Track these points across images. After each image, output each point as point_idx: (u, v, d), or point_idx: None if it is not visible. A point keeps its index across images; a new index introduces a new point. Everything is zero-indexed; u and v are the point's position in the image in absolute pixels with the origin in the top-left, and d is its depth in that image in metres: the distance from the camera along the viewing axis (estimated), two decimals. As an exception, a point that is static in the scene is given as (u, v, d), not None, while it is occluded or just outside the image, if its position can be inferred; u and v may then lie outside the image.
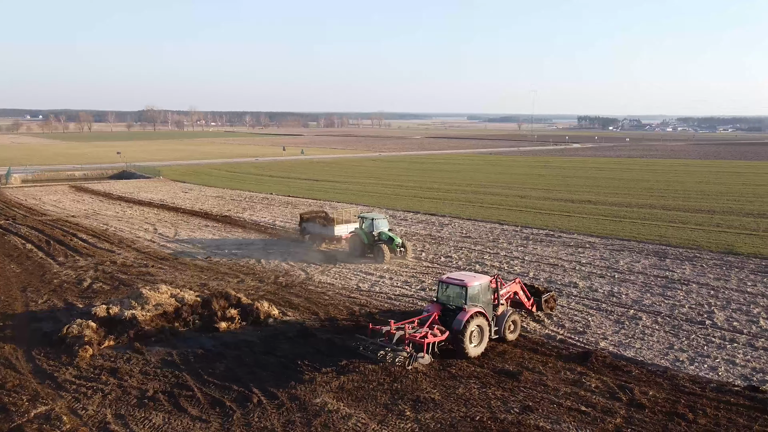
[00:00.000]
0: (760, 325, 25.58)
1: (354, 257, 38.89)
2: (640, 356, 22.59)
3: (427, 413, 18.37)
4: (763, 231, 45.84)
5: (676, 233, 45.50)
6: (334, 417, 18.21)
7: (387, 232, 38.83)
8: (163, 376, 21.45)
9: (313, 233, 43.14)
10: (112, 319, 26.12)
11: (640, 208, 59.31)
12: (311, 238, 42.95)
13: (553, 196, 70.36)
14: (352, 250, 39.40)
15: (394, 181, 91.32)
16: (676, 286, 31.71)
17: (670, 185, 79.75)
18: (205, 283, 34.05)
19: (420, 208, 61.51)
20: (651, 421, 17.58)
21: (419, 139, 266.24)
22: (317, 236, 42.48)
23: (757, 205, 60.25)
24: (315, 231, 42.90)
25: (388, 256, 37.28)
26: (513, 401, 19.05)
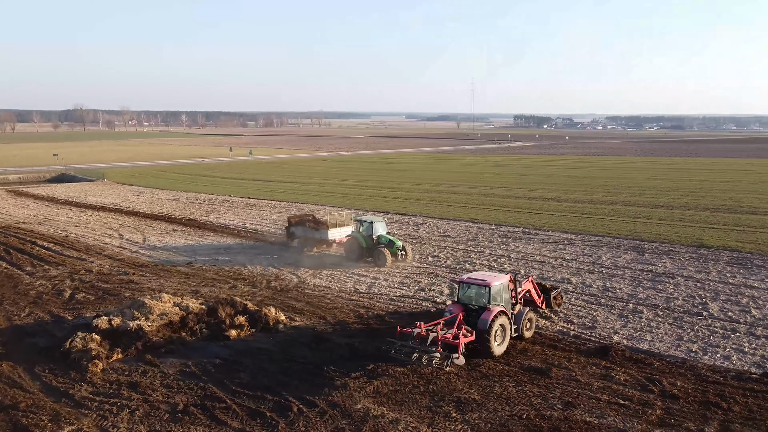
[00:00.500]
0: (753, 315, 27.07)
1: (351, 261, 38.16)
2: (655, 349, 23.49)
3: (472, 414, 18.52)
4: (723, 225, 48.45)
5: (645, 228, 47.48)
6: (382, 422, 18.08)
7: (386, 236, 38.53)
8: (188, 389, 20.70)
9: (303, 237, 42.11)
10: (115, 331, 24.98)
11: (603, 204, 61.51)
12: (301, 242, 42.07)
13: (515, 194, 71.97)
14: (349, 253, 38.75)
15: (351, 181, 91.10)
16: (663, 279, 33.11)
17: (623, 182, 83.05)
18: (196, 290, 33.03)
19: (389, 208, 61.64)
20: (689, 411, 18.33)
21: (363, 139, 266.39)
22: (308, 240, 41.58)
23: (709, 199, 63.59)
24: (306, 235, 41.88)
25: (390, 260, 36.83)
26: (552, 398, 19.45)
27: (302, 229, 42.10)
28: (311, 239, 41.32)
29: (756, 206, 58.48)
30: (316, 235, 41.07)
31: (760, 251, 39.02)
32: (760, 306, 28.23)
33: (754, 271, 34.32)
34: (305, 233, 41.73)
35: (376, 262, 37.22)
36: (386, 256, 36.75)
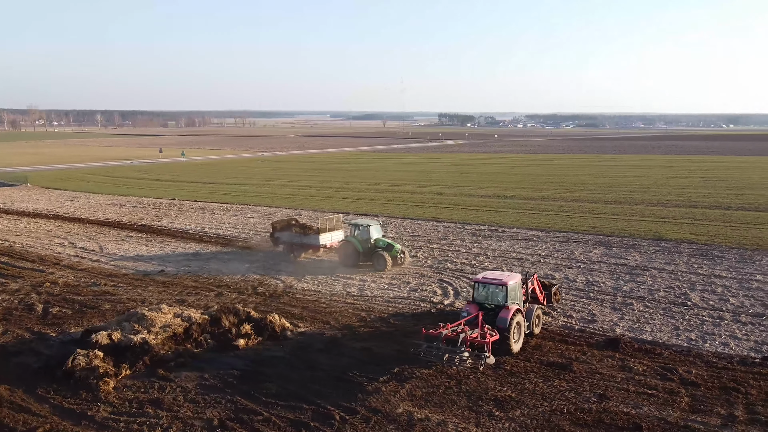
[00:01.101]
0: (732, 303, 29.03)
1: (346, 266, 37.27)
2: (658, 339, 24.77)
3: (515, 411, 18.93)
4: (672, 218, 51.52)
5: (604, 224, 49.76)
6: (429, 425, 18.18)
7: (384, 239, 38.20)
8: (215, 402, 20.00)
9: (289, 242, 40.72)
10: (116, 346, 23.72)
11: (556, 201, 63.88)
12: (287, 248, 40.79)
13: (466, 192, 73.43)
14: (344, 259, 37.76)
15: (296, 181, 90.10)
16: (638, 272, 34.87)
17: (566, 179, 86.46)
18: (181, 299, 31.83)
19: (347, 209, 61.48)
20: (713, 397, 19.50)
21: (294, 138, 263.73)
22: (296, 246, 40.37)
23: (650, 194, 67.34)
24: (293, 240, 40.48)
25: (390, 264, 36.36)
26: (584, 391, 20.16)
27: (289, 235, 40.73)
28: (299, 245, 40.22)
29: (695, 200, 62.48)
30: (305, 241, 39.88)
31: (714, 242, 41.81)
32: (735, 294, 30.28)
33: (717, 262, 36.74)
34: (292, 239, 40.48)
35: (376, 266, 36.60)
36: (387, 259, 36.23)
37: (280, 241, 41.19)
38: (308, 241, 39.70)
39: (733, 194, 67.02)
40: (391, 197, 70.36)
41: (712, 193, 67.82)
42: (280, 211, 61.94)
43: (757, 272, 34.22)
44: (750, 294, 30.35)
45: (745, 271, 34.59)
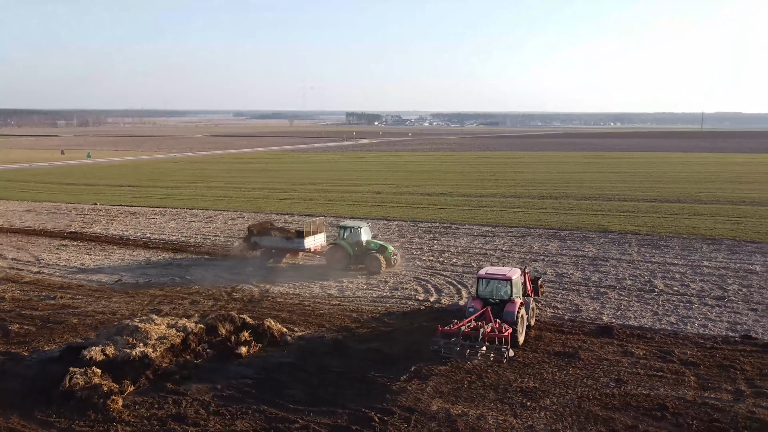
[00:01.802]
0: (693, 287, 31.47)
1: (336, 270, 36.24)
2: (643, 324, 26.44)
3: (545, 400, 19.62)
4: (609, 211, 54.86)
5: (550, 218, 52.15)
6: (470, 419, 18.47)
7: (376, 241, 37.62)
8: (242, 413, 19.26)
9: (269, 247, 39.08)
10: (112, 362, 22.26)
11: (494, 197, 66.12)
12: (265, 253, 39.19)
13: (404, 190, 74.34)
14: (334, 262, 36.59)
15: (223, 183, 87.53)
16: (599, 263, 36.93)
17: (495, 175, 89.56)
18: (156, 308, 30.29)
19: (292, 210, 60.68)
20: (714, 374, 21.13)
21: (202, 138, 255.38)
22: (277, 251, 38.86)
23: (585, 189, 71.22)
24: (273, 245, 38.88)
25: (384, 266, 35.74)
26: (600, 377, 21.18)
27: (268, 239, 39.06)
28: (280, 249, 38.83)
29: (623, 194, 66.77)
30: (288, 245, 38.52)
31: (655, 233, 44.99)
32: (692, 280, 32.84)
33: (664, 251, 39.61)
34: (273, 243, 38.90)
35: (370, 269, 35.83)
36: (381, 261, 35.60)
37: (259, 246, 39.59)
38: (292, 245, 38.41)
39: (655, 187, 72.22)
40: (331, 197, 70.02)
41: (637, 187, 72.75)
42: (220, 214, 60.06)
43: (703, 259, 37.22)
44: (705, 279, 33.01)
45: (693, 258, 37.54)
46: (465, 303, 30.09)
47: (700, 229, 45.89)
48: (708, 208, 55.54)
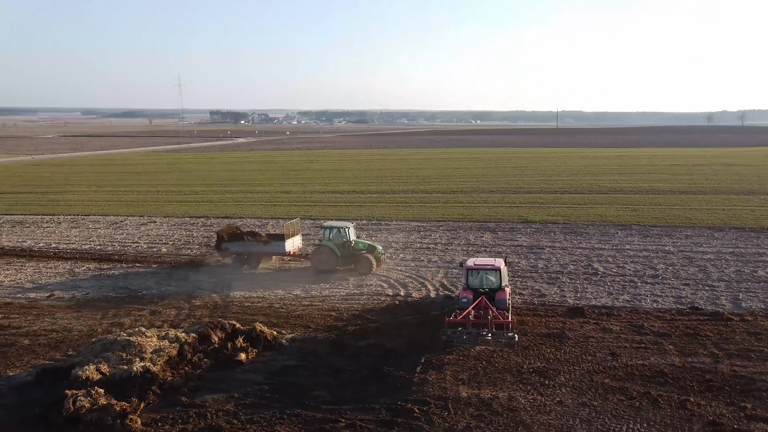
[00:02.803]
0: (629, 269, 34.93)
1: (323, 272, 35.26)
2: (605, 303, 29.07)
3: (559, 377, 21.14)
4: (521, 203, 58.68)
5: (468, 211, 54.74)
6: (503, 401, 19.47)
7: (364, 241, 36.96)
8: (277, 419, 18.77)
9: (242, 252, 37.12)
10: (110, 380, 20.74)
11: (407, 194, 67.84)
12: (238, 259, 37.20)
13: (314, 189, 74.01)
14: (320, 264, 35.47)
15: (111, 186, 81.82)
16: (537, 251, 39.66)
17: (396, 173, 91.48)
18: (117, 322, 28.24)
19: (209, 212, 58.42)
20: (686, 342, 23.87)
21: (55, 138, 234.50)
22: (251, 256, 36.98)
23: (487, 183, 75.03)
24: (247, 250, 36.97)
25: (374, 266, 35.15)
26: (596, 353, 23.11)
27: (241, 244, 37.05)
28: (255, 254, 37.01)
29: (525, 187, 71.40)
30: (266, 249, 36.86)
31: (570, 221, 49.03)
32: (624, 262, 36.45)
33: (587, 237, 43.40)
34: (246, 248, 36.98)
35: (360, 270, 35.09)
36: (372, 262, 35.01)
37: (230, 251, 37.51)
38: (271, 249, 36.89)
39: (550, 180, 77.90)
40: (238, 198, 68.12)
41: (533, 180, 78.02)
42: (126, 219, 56.33)
43: (623, 243, 41.34)
44: (634, 261, 36.78)
45: (614, 242, 41.56)
46: (435, 296, 31.28)
47: (608, 216, 50.70)
48: (604, 198, 61.30)
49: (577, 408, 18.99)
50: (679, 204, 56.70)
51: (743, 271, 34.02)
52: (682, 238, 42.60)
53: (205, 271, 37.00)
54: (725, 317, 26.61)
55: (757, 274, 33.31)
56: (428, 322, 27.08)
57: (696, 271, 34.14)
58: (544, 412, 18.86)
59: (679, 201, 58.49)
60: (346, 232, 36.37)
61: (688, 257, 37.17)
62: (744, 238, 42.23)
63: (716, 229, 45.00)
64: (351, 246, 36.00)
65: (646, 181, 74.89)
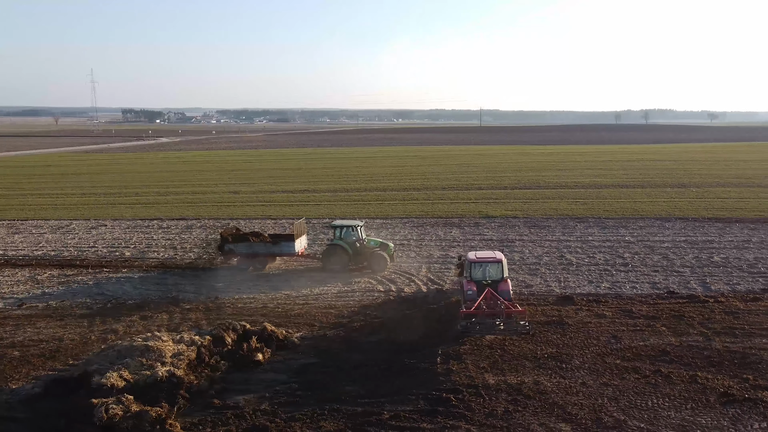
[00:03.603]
0: (599, 258, 37.01)
1: (334, 272, 34.88)
2: (591, 291, 30.81)
3: (574, 360, 22.28)
4: (476, 199, 60.45)
5: (428, 208, 55.83)
6: (530, 386, 20.30)
7: (375, 239, 36.76)
8: (318, 416, 18.70)
9: (247, 254, 36.23)
10: (134, 386, 20.18)
11: (360, 192, 68.32)
12: (243, 260, 36.37)
13: (264, 189, 73.03)
14: (331, 264, 35.16)
15: (34, 189, 77.41)
16: (508, 244, 41.12)
17: (343, 171, 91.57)
18: (110, 329, 27.23)
19: (168, 214, 56.55)
20: (675, 324, 25.67)
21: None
22: (257, 257, 36.18)
23: (435, 181, 76.49)
24: (254, 251, 36.12)
25: (389, 263, 35.02)
26: (599, 337, 24.47)
27: (248, 245, 36.15)
28: (264, 255, 36.24)
29: (476, 184, 73.39)
30: (273, 250, 36.07)
31: (530, 216, 51.12)
32: (594, 252, 38.54)
33: (550, 231, 45.45)
34: (253, 249, 36.17)
35: (374, 268, 34.80)
36: (386, 259, 34.86)
37: (235, 254, 36.55)
38: (279, 249, 36.19)
39: (493, 177, 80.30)
40: (186, 199, 66.34)
41: (481, 177, 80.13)
42: (73, 223, 53.75)
43: (585, 235, 43.67)
44: (601, 251, 38.99)
45: (577, 234, 43.83)
46: (426, 290, 32.06)
47: (562, 210, 53.25)
48: (553, 193, 64.19)
49: (600, 388, 20.21)
50: (622, 197, 60.29)
51: (701, 257, 36.90)
52: (636, 228, 45.49)
53: (209, 274, 36.00)
54: (701, 299, 28.90)
55: (714, 260, 36.25)
56: (429, 315, 27.77)
57: (660, 259, 36.68)
58: (572, 393, 19.95)
59: (621, 194, 62.18)
60: (358, 230, 36.17)
61: (648, 246, 39.83)
62: (691, 227, 45.66)
63: (664, 220, 48.38)
64: (363, 244, 35.73)
65: (586, 176, 78.86)
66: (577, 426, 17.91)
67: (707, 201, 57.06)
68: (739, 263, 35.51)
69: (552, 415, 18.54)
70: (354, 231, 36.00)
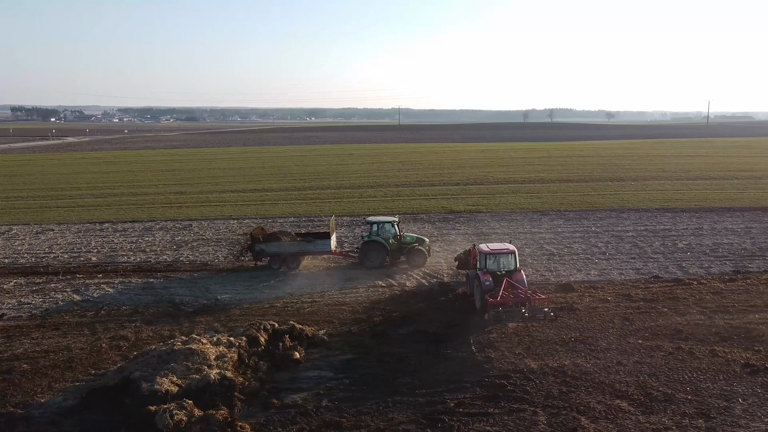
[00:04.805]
0: (578, 248, 38.97)
1: (371, 269, 34.93)
2: (584, 279, 32.44)
3: (600, 342, 23.63)
4: (435, 195, 61.56)
5: (390, 205, 56.21)
6: (571, 367, 21.38)
7: (412, 234, 36.78)
8: (385, 408, 18.96)
9: (279, 253, 35.41)
10: (186, 391, 19.50)
11: (314, 190, 67.77)
12: (274, 260, 35.39)
13: (209, 189, 70.67)
14: (369, 261, 35.27)
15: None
16: (485, 237, 42.33)
17: (286, 170, 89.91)
18: (116, 335, 25.92)
19: (118, 217, 53.68)
20: (673, 305, 27.67)
21: None
22: (291, 256, 35.38)
23: (389, 178, 76.81)
24: (288, 250, 35.46)
25: (427, 258, 35.38)
26: (614, 319, 25.91)
27: (279, 245, 35.35)
28: (296, 254, 35.52)
29: (426, 180, 74.41)
30: (308, 249, 35.48)
31: (491, 210, 52.83)
32: (570, 243, 40.47)
33: (518, 224, 47.20)
34: (286, 248, 35.37)
35: (413, 263, 35.17)
36: (425, 253, 35.25)
37: (266, 254, 35.46)
38: (314, 248, 35.67)
39: (441, 173, 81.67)
40: (134, 200, 63.31)
41: (429, 174, 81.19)
42: (13, 228, 50.01)
43: (553, 227, 45.79)
44: (575, 241, 41.08)
45: (546, 227, 45.86)
46: (428, 284, 32.64)
47: (522, 204, 55.48)
48: (506, 188, 66.41)
49: (636, 366, 21.62)
50: (571, 191, 63.47)
51: (666, 244, 39.79)
52: (597, 220, 48.24)
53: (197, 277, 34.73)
54: (686, 282, 31.32)
55: (679, 246, 39.22)
56: (443, 307, 28.60)
57: (631, 247, 39.20)
58: (612, 372, 21.23)
59: (569, 189, 65.39)
60: (394, 226, 36.21)
61: (615, 236, 42.42)
62: (645, 217, 49.00)
63: (619, 211, 51.56)
64: (399, 240, 35.88)
65: (528, 172, 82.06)
66: (633, 401, 19.16)
67: (648, 193, 61.30)
68: (702, 248, 38.63)
69: (605, 393, 19.70)
70: (391, 227, 36.21)
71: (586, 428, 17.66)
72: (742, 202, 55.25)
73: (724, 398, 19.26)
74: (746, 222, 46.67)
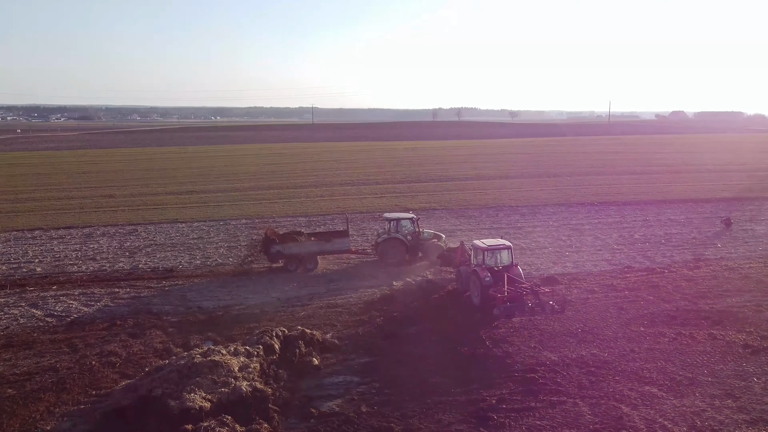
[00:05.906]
0: (545, 242, 40.00)
1: (391, 265, 34.62)
2: (566, 271, 33.25)
3: (605, 332, 24.39)
4: (381, 193, 61.27)
5: (341, 204, 55.57)
6: (589, 357, 21.96)
7: (429, 230, 36.17)
8: (429, 410, 18.58)
9: (300, 253, 34.34)
10: (218, 406, 18.27)
11: (256, 190, 65.68)
12: (290, 262, 34.21)
13: (138, 191, 66.87)
14: (389, 257, 35.01)
15: None
16: (452, 234, 42.56)
17: (215, 170, 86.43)
18: (105, 350, 23.85)
19: (46, 224, 49.54)
20: (656, 292, 29.07)
21: None
22: (309, 257, 34.44)
23: (330, 177, 75.55)
24: (307, 250, 34.52)
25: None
26: (610, 309, 26.70)
27: (298, 245, 34.26)
28: (314, 254, 34.44)
29: (368, 179, 73.96)
30: (327, 248, 34.59)
31: (448, 207, 53.33)
32: (535, 237, 41.46)
33: (478, 220, 47.88)
34: (304, 249, 34.35)
35: (430, 259, 34.83)
36: (443, 249, 34.68)
37: (284, 255, 34.12)
38: (332, 247, 34.83)
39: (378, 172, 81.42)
40: (59, 205, 58.74)
41: (366, 173, 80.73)
42: None
43: (512, 222, 46.87)
44: (539, 235, 42.23)
45: (505, 221, 46.88)
46: (414, 282, 32.44)
47: (472, 200, 56.56)
48: (453, 185, 67.30)
49: (649, 353, 22.48)
50: (514, 186, 65.36)
51: (624, 236, 41.79)
52: (549, 214, 49.92)
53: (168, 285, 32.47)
54: (657, 271, 32.99)
55: (636, 237, 41.31)
56: (440, 304, 28.49)
57: (593, 240, 40.84)
58: (630, 359, 21.97)
59: (511, 184, 67.33)
60: (413, 222, 36.03)
61: (574, 229, 44.05)
62: (594, 210, 51.30)
63: (567, 205, 53.61)
64: (418, 236, 35.75)
65: (466, 169, 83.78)
66: (661, 387, 19.88)
67: (586, 188, 64.24)
68: (657, 239, 40.89)
69: (632, 381, 20.32)
70: (410, 224, 35.98)
71: (630, 416, 18.07)
72: (672, 195, 59.08)
73: (741, 378, 20.37)
74: (685, 213, 49.94)
